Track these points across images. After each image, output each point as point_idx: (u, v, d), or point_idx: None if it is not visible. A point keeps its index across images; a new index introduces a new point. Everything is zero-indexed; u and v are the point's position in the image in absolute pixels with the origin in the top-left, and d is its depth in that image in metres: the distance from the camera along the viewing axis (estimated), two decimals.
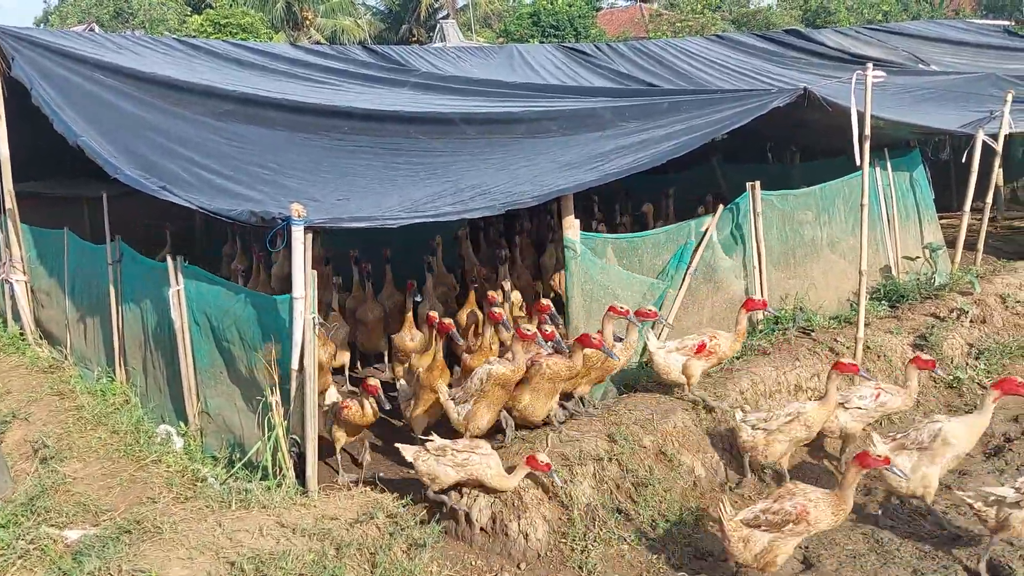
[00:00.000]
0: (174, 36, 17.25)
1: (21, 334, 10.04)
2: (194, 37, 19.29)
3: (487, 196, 6.65)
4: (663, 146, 7.22)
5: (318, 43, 32.47)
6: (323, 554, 4.74)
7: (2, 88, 9.50)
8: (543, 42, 26.74)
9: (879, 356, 8.07)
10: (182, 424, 7.16)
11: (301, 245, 5.68)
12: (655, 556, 5.48)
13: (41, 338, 10.02)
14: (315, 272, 5.92)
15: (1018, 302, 9.42)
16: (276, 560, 4.61)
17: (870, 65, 7.49)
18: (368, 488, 5.67)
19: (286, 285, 6.55)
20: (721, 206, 8.34)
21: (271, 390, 6.02)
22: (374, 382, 6.13)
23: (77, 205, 11.71)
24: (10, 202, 9.93)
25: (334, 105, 8.83)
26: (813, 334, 8.25)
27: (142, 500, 5.82)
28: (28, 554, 5.32)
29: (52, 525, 5.59)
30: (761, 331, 8.29)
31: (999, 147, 10.25)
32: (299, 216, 5.58)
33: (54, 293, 9.89)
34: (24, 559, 5.30)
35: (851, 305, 9.05)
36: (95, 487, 6.10)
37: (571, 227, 7.18)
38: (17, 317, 10.22)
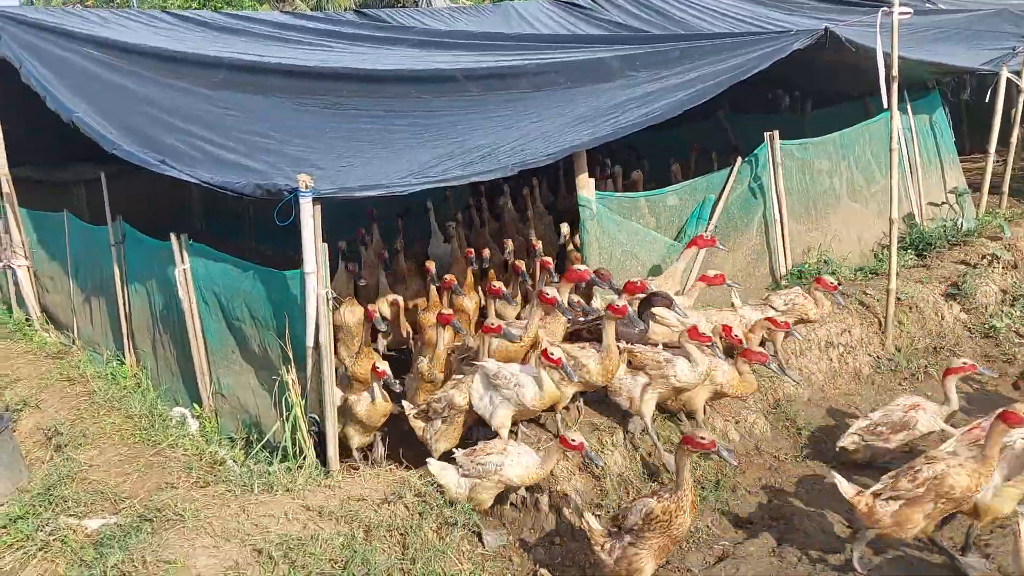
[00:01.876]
0: (160, 9, 16.86)
1: (27, 320, 9.86)
2: (181, 10, 18.86)
3: (495, 156, 6.37)
4: (678, 95, 6.90)
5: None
6: (352, 537, 4.55)
7: None
8: None
9: (911, 307, 7.81)
10: (196, 406, 6.98)
11: (311, 218, 5.43)
12: (692, 526, 5.28)
13: (47, 323, 9.83)
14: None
15: None
16: (304, 545, 4.43)
17: (896, 1, 7.13)
18: (394, 466, 5.47)
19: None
20: (739, 158, 8.06)
21: (287, 368, 5.81)
22: (383, 366, 5.79)
23: (74, 188, 11.49)
24: (7, 186, 9.70)
25: (331, 67, 8.52)
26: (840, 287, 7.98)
27: (161, 486, 5.64)
28: (48, 546, 5.16)
29: (71, 515, 5.42)
30: (786, 286, 8.03)
31: (1023, 84, 9.90)
32: (306, 187, 5.32)
33: (58, 277, 9.69)
34: (44, 551, 5.14)
35: (875, 255, 8.80)
36: (112, 474, 5.92)
37: (586, 185, 6.93)
38: (22, 303, 10.02)
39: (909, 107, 9.70)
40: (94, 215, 8.86)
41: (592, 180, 7.04)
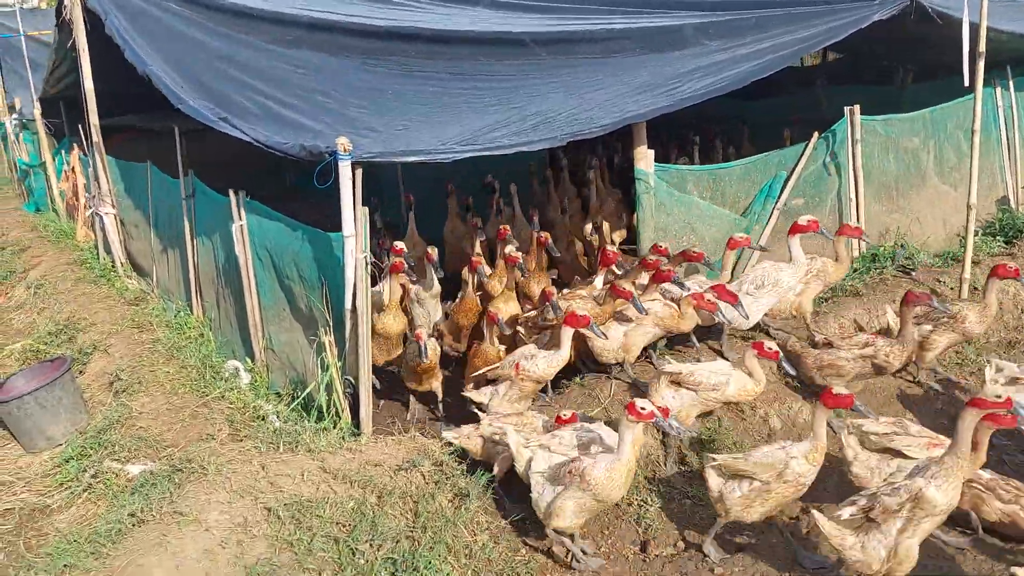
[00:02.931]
0: None
1: (112, 266, 10.31)
2: None
3: (550, 125, 6.22)
4: (746, 66, 6.57)
5: None
6: (363, 502, 4.59)
7: (84, 20, 9.51)
8: None
9: None
10: (249, 360, 7.16)
11: (349, 181, 5.44)
12: None
13: (131, 270, 10.26)
14: None
15: None
16: (314, 507, 4.50)
17: None
18: (419, 433, 5.49)
19: None
20: (816, 133, 7.66)
21: (325, 330, 5.88)
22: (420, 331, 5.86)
23: (169, 139, 11.86)
24: (96, 136, 10.05)
25: (401, 27, 8.45)
26: (914, 273, 7.55)
27: (202, 436, 5.83)
28: (92, 488, 5.43)
29: (115, 459, 5.68)
30: (856, 270, 7.63)
31: None
32: (345, 150, 5.32)
33: (141, 226, 10.05)
34: (89, 492, 5.42)
35: (960, 241, 8.25)
36: (159, 421, 6.16)
37: (643, 158, 6.70)
38: (108, 249, 10.48)
39: (1011, 83, 9.00)
40: (194, 167, 9.10)
41: (651, 152, 6.80)
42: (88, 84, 9.76)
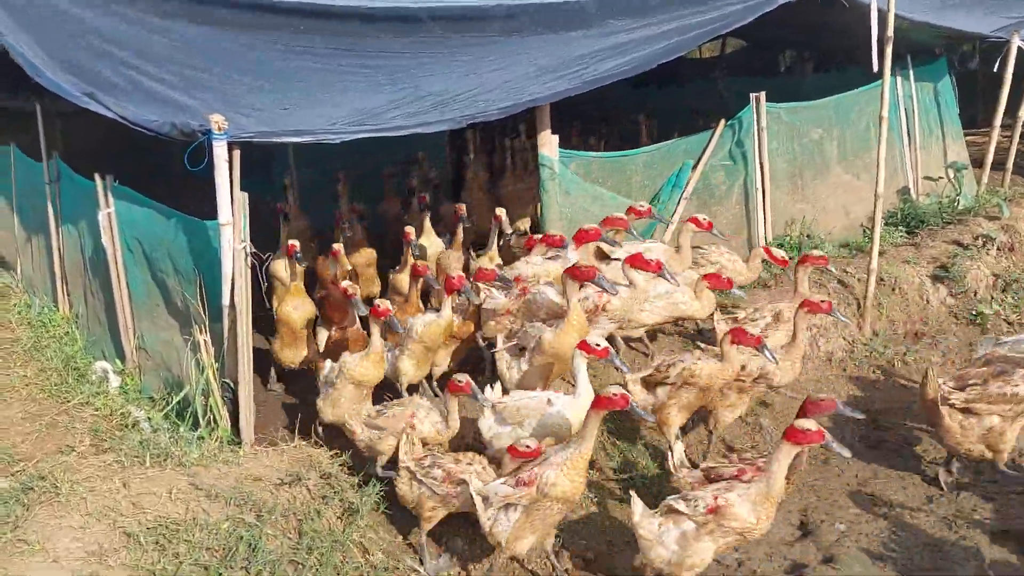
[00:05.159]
0: None
1: None
2: None
3: (449, 106, 5.82)
4: (654, 47, 6.31)
5: None
6: (240, 522, 4.09)
7: None
8: None
9: (894, 289, 7.28)
10: (119, 361, 6.53)
11: (225, 163, 4.93)
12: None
13: None
14: None
15: None
16: (183, 531, 3.97)
17: None
18: (303, 443, 5.00)
19: None
20: (723, 121, 7.49)
21: (200, 328, 5.33)
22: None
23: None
24: None
25: (290, 1, 7.89)
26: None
27: (60, 449, 5.20)
28: None
29: None
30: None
31: None
32: (220, 129, 4.80)
33: (4, 214, 9.19)
34: None
35: (864, 231, 8.23)
36: (11, 432, 5.47)
37: (548, 143, 6.37)
38: None
39: (912, 73, 9.06)
40: (66, 151, 8.32)
41: (555, 137, 6.47)
42: None
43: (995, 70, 9.21)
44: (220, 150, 4.86)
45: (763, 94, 7.57)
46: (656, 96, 11.45)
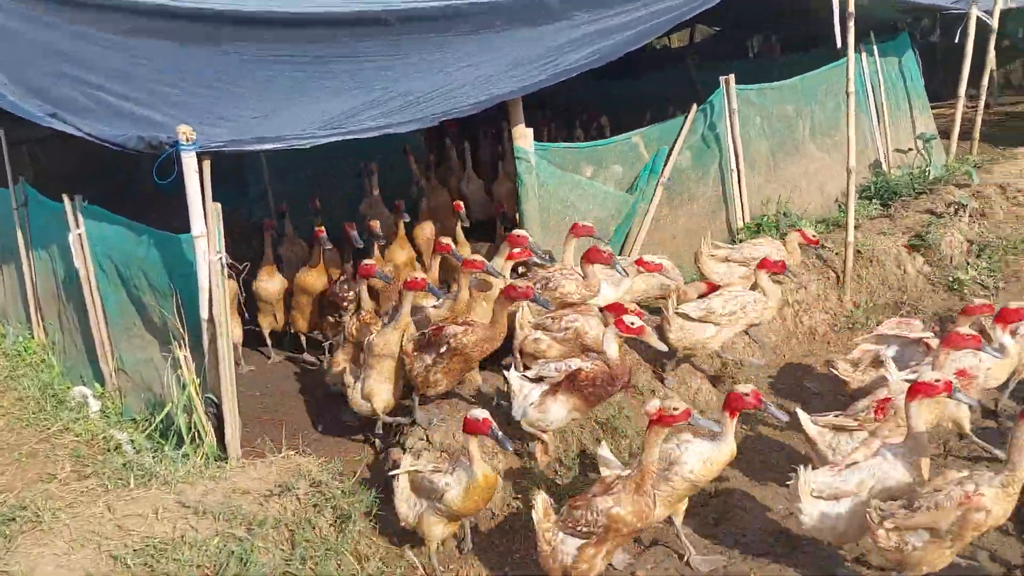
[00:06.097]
0: None
1: None
2: None
3: (419, 106, 5.77)
4: (619, 36, 6.29)
5: None
6: (230, 537, 4.01)
7: None
8: None
9: (872, 261, 7.31)
10: (98, 385, 6.41)
11: (195, 174, 4.84)
12: None
13: None
14: None
15: (1019, 191, 8.60)
16: (171, 550, 3.88)
17: None
18: (291, 453, 4.91)
19: None
20: (695, 106, 7.49)
21: (180, 343, 5.24)
22: None
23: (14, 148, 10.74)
24: None
25: (253, 12, 7.81)
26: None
27: (42, 477, 5.10)
28: None
29: None
30: (741, 240, 7.51)
31: (995, 23, 9.32)
32: (188, 140, 4.72)
33: None
34: None
35: (840, 207, 8.27)
36: None
37: (522, 136, 6.33)
38: None
39: (876, 49, 9.11)
40: (39, 179, 8.15)
41: (530, 130, 6.44)
42: None
43: (955, 41, 9.30)
44: (190, 161, 4.78)
45: (732, 77, 7.59)
46: (629, 86, 11.47)
